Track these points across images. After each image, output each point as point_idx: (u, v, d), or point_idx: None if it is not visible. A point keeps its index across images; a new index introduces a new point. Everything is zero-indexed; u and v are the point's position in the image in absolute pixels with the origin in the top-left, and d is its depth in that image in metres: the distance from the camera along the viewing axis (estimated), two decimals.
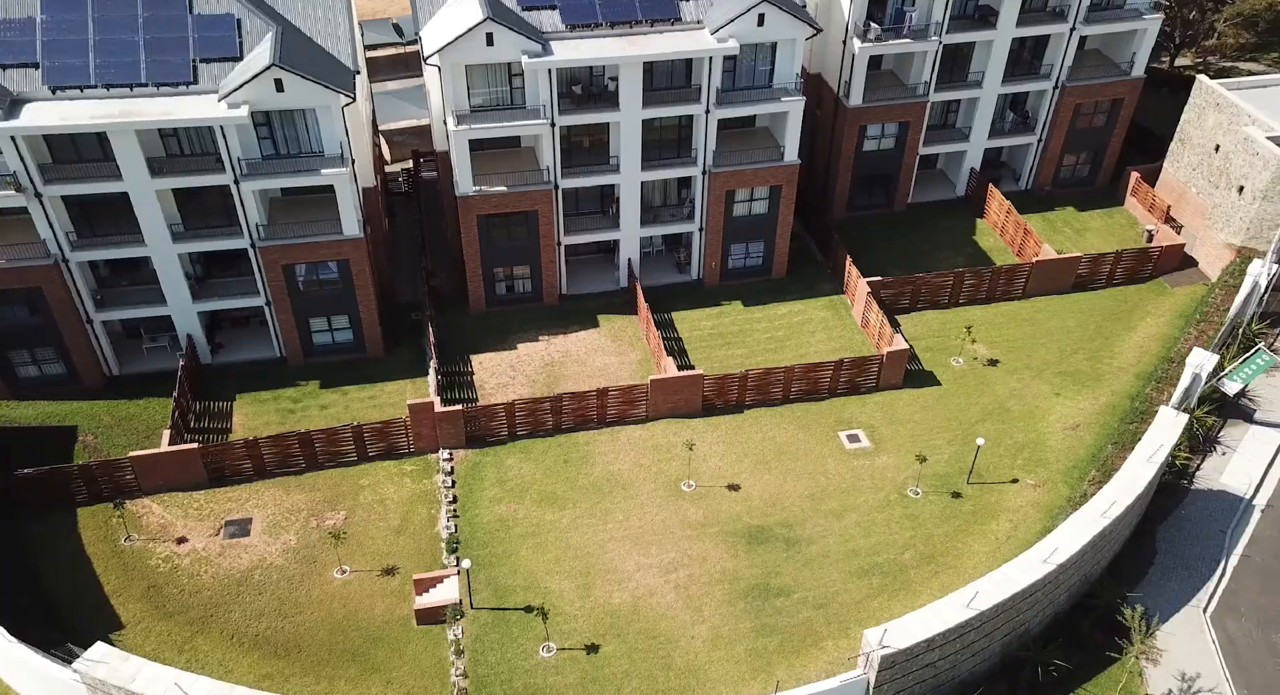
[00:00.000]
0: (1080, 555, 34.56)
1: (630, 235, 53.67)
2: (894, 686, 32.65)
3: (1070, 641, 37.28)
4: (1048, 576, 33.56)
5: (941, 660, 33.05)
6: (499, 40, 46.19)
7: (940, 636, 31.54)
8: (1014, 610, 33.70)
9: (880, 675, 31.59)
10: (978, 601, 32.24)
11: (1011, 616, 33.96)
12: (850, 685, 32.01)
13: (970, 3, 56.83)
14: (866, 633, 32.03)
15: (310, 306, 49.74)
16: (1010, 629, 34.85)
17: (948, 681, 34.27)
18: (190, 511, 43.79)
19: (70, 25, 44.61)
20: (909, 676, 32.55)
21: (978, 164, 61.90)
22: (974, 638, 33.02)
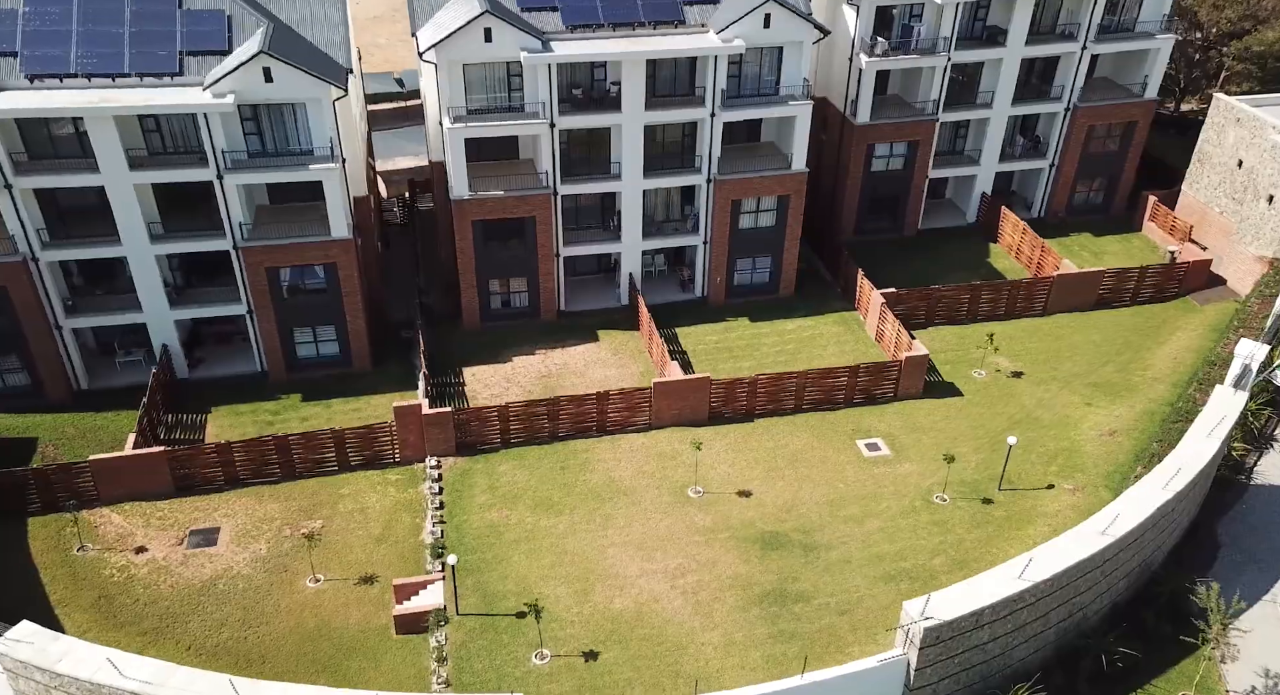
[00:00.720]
0: (1141, 532, 30.94)
1: (632, 248, 51.41)
2: (939, 672, 28.69)
3: (1134, 633, 33.24)
4: (1107, 550, 29.95)
5: (991, 641, 29.15)
6: (498, 36, 44.83)
7: (990, 610, 27.81)
8: (1070, 588, 29.97)
9: (923, 655, 27.68)
10: (1031, 572, 28.54)
11: (1068, 595, 30.20)
12: (888, 667, 28.04)
13: (978, 23, 55.91)
14: (906, 604, 28.26)
15: (295, 315, 47.08)
16: (1067, 613, 31.01)
17: (999, 670, 30.26)
18: (153, 521, 40.21)
19: (54, 17, 43.29)
20: (955, 660, 28.61)
21: (988, 189, 60.09)
22: (1027, 618, 29.21)
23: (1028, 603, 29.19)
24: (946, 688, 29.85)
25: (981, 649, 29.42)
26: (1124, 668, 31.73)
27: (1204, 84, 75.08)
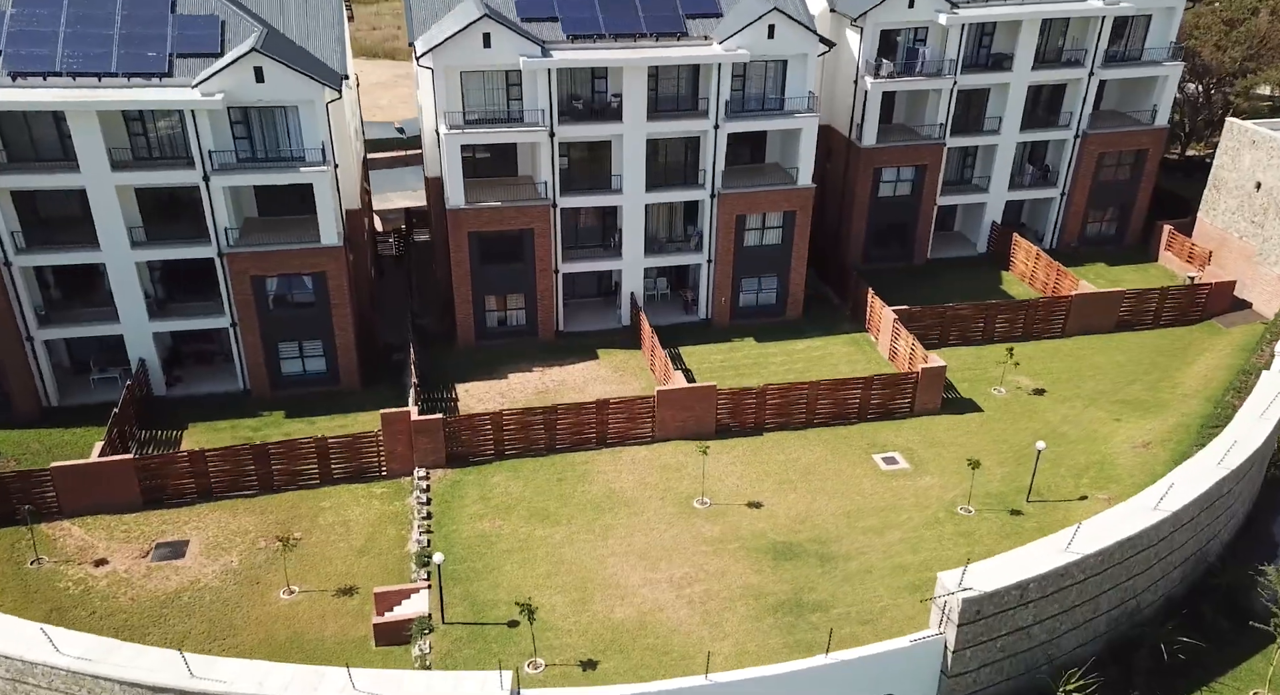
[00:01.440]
0: (1195, 511, 28.15)
1: (633, 265, 49.57)
2: (979, 657, 25.61)
3: (1192, 626, 30.05)
4: (1160, 527, 27.11)
5: (1037, 624, 26.12)
6: (497, 42, 43.86)
7: (1036, 584, 24.90)
8: (1122, 569, 27.10)
9: (962, 634, 24.66)
10: (1079, 544, 25.70)
11: (1119, 576, 27.29)
12: (923, 649, 24.96)
13: (983, 50, 55.24)
14: (941, 575, 25.36)
15: (281, 328, 44.90)
16: (1119, 599, 28.03)
17: (1045, 660, 27.08)
18: (116, 534, 37.31)
19: (42, 19, 42.30)
20: (998, 643, 25.56)
21: (998, 218, 58.61)
22: (1076, 598, 26.26)
23: (1076, 579, 26.27)
24: (988, 677, 26.70)
25: (1026, 633, 26.37)
26: (1185, 660, 28.49)
27: (1209, 131, 74.50)
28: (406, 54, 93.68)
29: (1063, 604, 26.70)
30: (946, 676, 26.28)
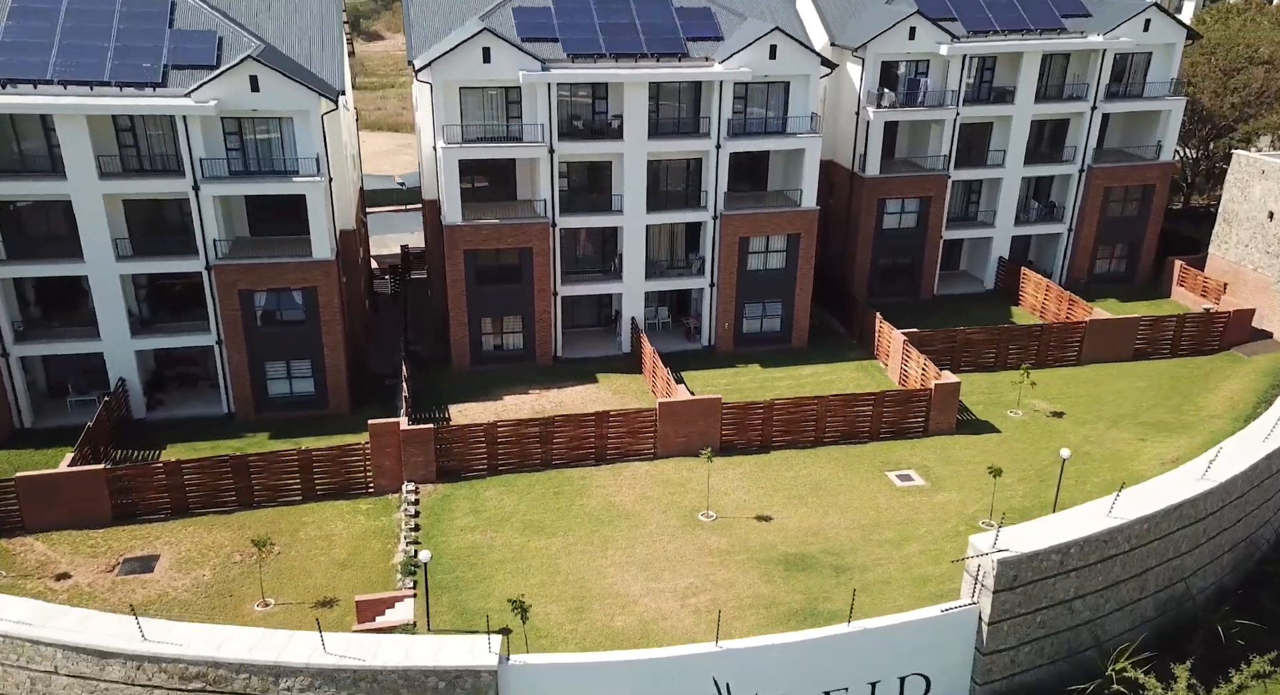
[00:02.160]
0: (1245, 488, 26.08)
1: (634, 289, 48.20)
2: (1017, 632, 23.23)
3: (1244, 613, 27.56)
4: (1207, 499, 25.02)
5: (1079, 598, 23.80)
6: (496, 56, 43.37)
7: (1077, 551, 22.79)
8: (1169, 543, 24.96)
9: (998, 603, 22.35)
10: (1121, 509, 23.57)
11: (1165, 551, 25.10)
12: (954, 620, 22.60)
13: (985, 85, 55.01)
14: (973, 538, 23.19)
15: (268, 346, 43.24)
16: (1167, 579, 25.75)
17: (1089, 643, 24.59)
18: (82, 549, 34.98)
19: (37, 31, 41.81)
20: (1037, 618, 23.21)
21: (1005, 253, 57.55)
22: (1121, 572, 24.01)
23: (1120, 548, 24.05)
24: (1027, 658, 24.24)
25: (1068, 607, 24.01)
26: (1244, 645, 25.92)
27: (1210, 184, 74.14)
28: (410, 126, 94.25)
29: (1107, 577, 24.42)
30: (981, 653, 23.89)
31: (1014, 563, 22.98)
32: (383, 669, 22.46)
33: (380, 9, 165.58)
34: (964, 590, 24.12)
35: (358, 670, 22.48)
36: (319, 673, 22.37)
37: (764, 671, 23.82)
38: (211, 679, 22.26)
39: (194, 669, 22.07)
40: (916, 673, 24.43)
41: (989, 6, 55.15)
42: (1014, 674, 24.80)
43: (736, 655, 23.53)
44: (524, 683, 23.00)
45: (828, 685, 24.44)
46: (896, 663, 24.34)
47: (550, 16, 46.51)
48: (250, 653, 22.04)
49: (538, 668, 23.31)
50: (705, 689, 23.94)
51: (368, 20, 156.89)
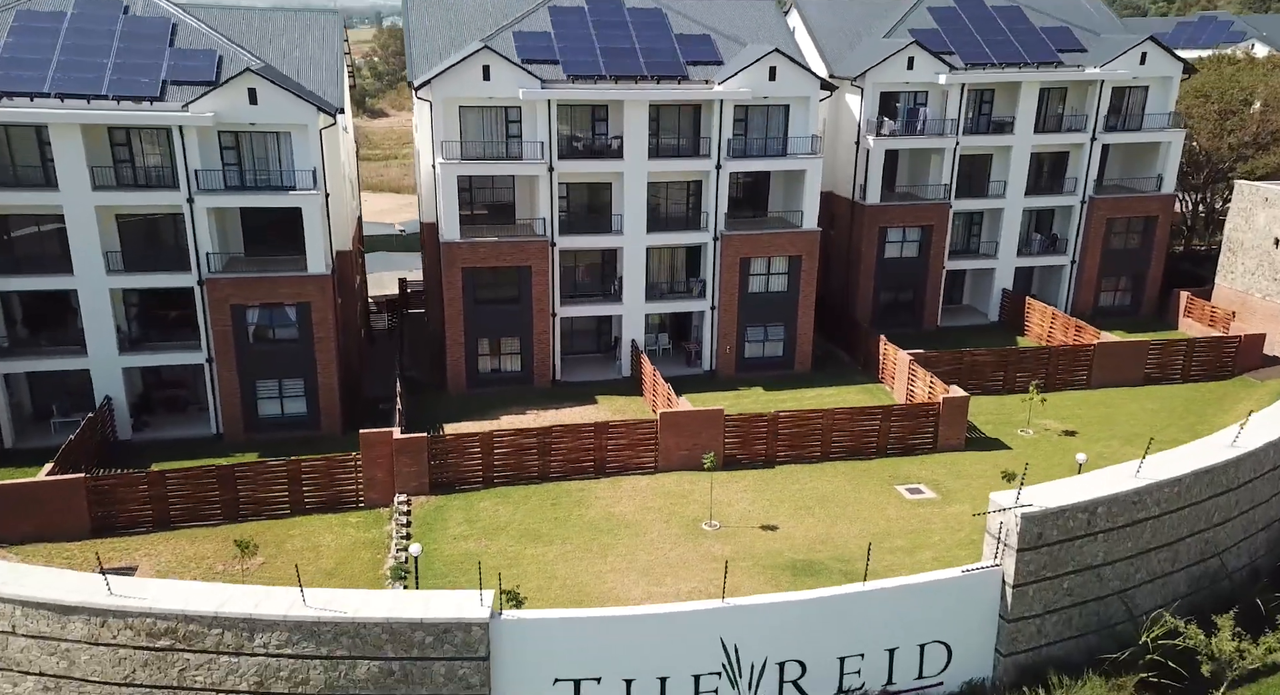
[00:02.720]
0: (1275, 458, 24.89)
1: (634, 312, 47.44)
2: (1043, 599, 21.81)
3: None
4: (1239, 467, 23.81)
5: (1108, 565, 22.41)
6: (496, 74, 43.38)
7: (1105, 511, 21.49)
8: (1200, 512, 23.63)
9: (1022, 564, 21.00)
10: (1149, 471, 22.36)
11: (1197, 521, 23.78)
12: (976, 583, 21.22)
13: (983, 118, 55.17)
14: (994, 495, 21.94)
15: (260, 364, 42.27)
16: (1199, 553, 24.35)
17: (1119, 617, 23.08)
18: (56, 560, 33.48)
19: (37, 48, 41.84)
20: (1064, 584, 21.82)
21: (1008, 284, 56.97)
22: (1151, 539, 22.67)
23: (1150, 512, 22.74)
24: (1055, 629, 22.72)
25: (1097, 574, 22.58)
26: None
27: (1210, 230, 74.06)
28: (412, 188, 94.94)
29: (1137, 543, 23.05)
30: (1005, 620, 22.40)
31: (1039, 518, 21.69)
32: (366, 621, 21.02)
33: (385, 88, 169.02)
34: (985, 552, 22.77)
35: (339, 623, 21.04)
36: (297, 626, 20.94)
37: (774, 633, 22.40)
38: (182, 635, 20.80)
39: (163, 624, 20.63)
40: (936, 640, 22.96)
41: (985, 42, 55.61)
42: (1040, 645, 23.26)
43: (744, 613, 22.13)
44: (518, 638, 21.58)
45: (842, 651, 22.94)
46: (915, 629, 22.89)
47: (550, 40, 46.70)
48: (224, 606, 20.63)
49: (533, 622, 21.89)
50: (712, 650, 22.46)
51: (373, 98, 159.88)
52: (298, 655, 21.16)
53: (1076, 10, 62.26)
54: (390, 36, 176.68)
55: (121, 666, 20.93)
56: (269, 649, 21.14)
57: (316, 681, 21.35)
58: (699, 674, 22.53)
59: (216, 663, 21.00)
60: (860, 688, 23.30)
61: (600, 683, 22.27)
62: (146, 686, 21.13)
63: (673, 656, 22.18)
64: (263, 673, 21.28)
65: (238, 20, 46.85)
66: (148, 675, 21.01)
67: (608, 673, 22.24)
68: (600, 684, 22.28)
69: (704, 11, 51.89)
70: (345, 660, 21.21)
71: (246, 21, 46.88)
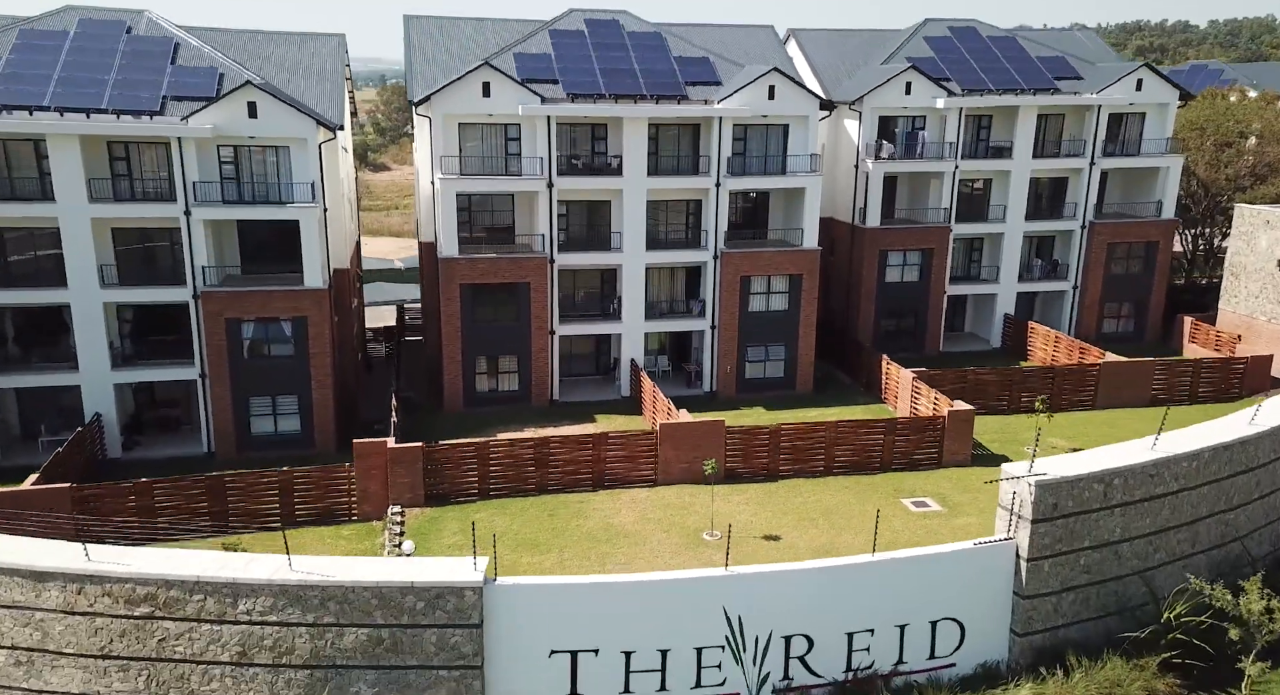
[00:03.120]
0: None
1: (633, 331, 46.97)
2: (1059, 574, 21.02)
3: None
4: (1256, 445, 23.13)
5: (1126, 542, 21.61)
6: (496, 91, 43.50)
7: (1121, 483, 20.76)
8: (1219, 492, 22.85)
9: (1036, 537, 20.25)
10: (1165, 445, 21.67)
11: (1216, 501, 23.00)
12: (988, 556, 20.41)
13: (981, 143, 55.32)
14: (1006, 466, 21.24)
15: (254, 380, 41.67)
16: (1220, 535, 23.48)
17: (1139, 600, 22.14)
18: None
19: (39, 64, 42.00)
20: (1080, 558, 20.96)
21: (1010, 310, 56.58)
22: (1169, 516, 21.94)
23: (1168, 487, 22.00)
24: (1072, 608, 21.81)
25: (1115, 551, 21.73)
26: None
27: (1209, 265, 73.96)
28: (412, 232, 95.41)
29: (1155, 520, 22.24)
30: (1020, 597, 21.50)
31: (1054, 487, 20.95)
32: (355, 585, 20.17)
33: (387, 143, 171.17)
34: (998, 526, 21.95)
35: (326, 587, 20.19)
36: (283, 591, 20.09)
37: (780, 604, 21.52)
38: (163, 601, 19.95)
39: (143, 589, 19.80)
40: (948, 617, 22.04)
41: (982, 70, 55.97)
42: (1058, 626, 22.32)
43: (748, 581, 21.29)
44: (513, 605, 20.72)
45: (851, 625, 22.02)
46: (926, 604, 22.01)
47: (550, 62, 46.92)
48: (207, 571, 19.84)
49: (529, 588, 21.03)
50: (715, 621, 21.55)
51: (375, 153, 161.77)
52: (283, 622, 20.30)
53: (1072, 42, 62.89)
54: (393, 93, 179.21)
55: (98, 637, 20.06)
56: (253, 616, 20.29)
57: (302, 651, 20.45)
58: (701, 647, 21.63)
59: (198, 631, 20.14)
60: (870, 666, 22.36)
61: (598, 655, 21.36)
62: (123, 659, 20.24)
63: (674, 627, 21.34)
64: (245, 641, 20.40)
65: (241, 41, 47.16)
66: (125, 646, 20.14)
67: (606, 644, 21.33)
68: (598, 656, 21.36)
69: (703, 37, 52.32)
70: (332, 627, 20.34)
71: (249, 43, 47.19)
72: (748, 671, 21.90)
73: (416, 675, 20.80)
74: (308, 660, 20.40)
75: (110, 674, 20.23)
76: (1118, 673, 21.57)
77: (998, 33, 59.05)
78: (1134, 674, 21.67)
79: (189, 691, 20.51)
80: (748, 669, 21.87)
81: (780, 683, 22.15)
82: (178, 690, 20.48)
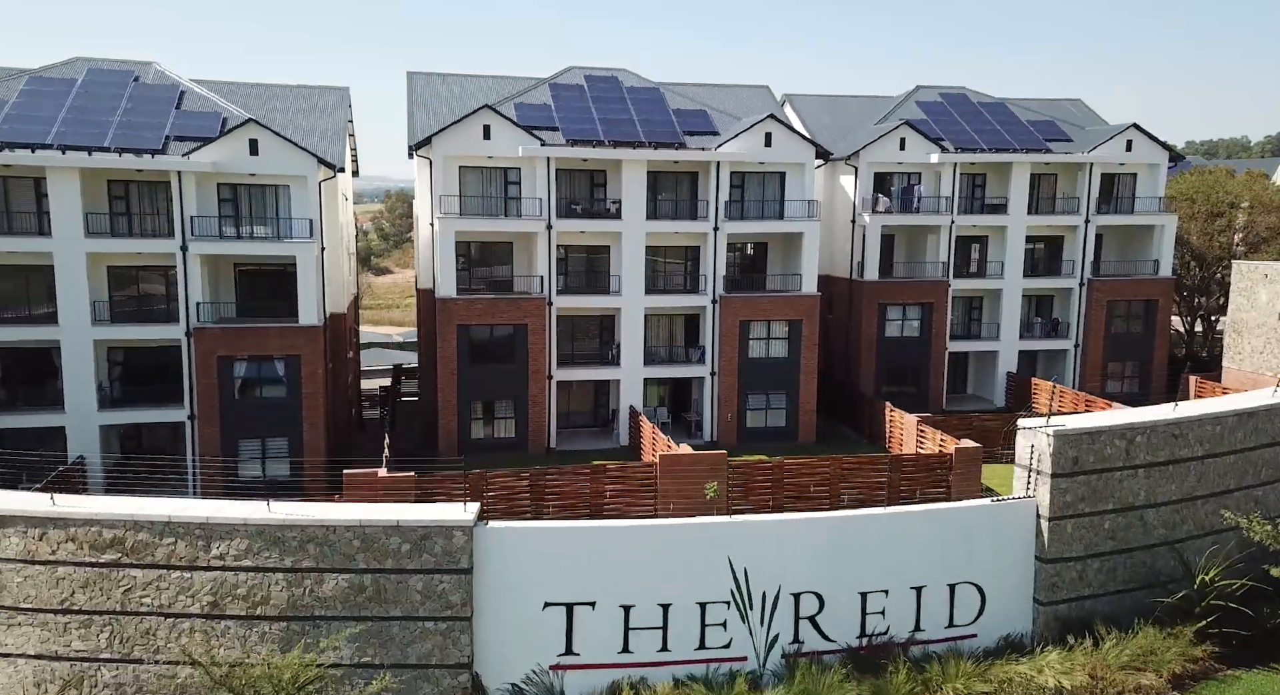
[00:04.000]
0: None
1: (632, 376, 46.28)
2: (1082, 537, 20.08)
3: None
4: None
5: (1152, 508, 20.57)
6: (496, 134, 43.88)
7: (1144, 441, 19.87)
8: (1246, 463, 22.13)
9: (1057, 493, 19.25)
10: (1184, 409, 20.86)
11: (1244, 473, 22.28)
12: (1007, 515, 19.33)
13: (977, 201, 55.79)
14: (1022, 422, 20.37)
15: (244, 421, 40.72)
16: (1249, 509, 22.34)
17: (1169, 571, 20.89)
18: None
19: (45, 106, 42.42)
20: (1104, 521, 19.83)
21: (1013, 367, 56.07)
22: (1195, 484, 20.99)
23: (1192, 451, 21.07)
24: (1097, 577, 20.54)
25: (1139, 517, 20.61)
26: None
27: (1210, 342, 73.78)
28: (413, 321, 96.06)
29: (1181, 486, 21.20)
30: (1042, 561, 20.25)
31: (1073, 439, 20.01)
32: (336, 524, 18.93)
33: (391, 248, 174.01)
34: (1017, 485, 20.91)
35: (306, 526, 18.97)
36: (260, 532, 18.86)
37: (787, 558, 20.25)
38: (130, 546, 18.66)
39: (109, 533, 18.55)
40: (967, 581, 20.73)
41: (975, 131, 56.80)
42: (1084, 596, 21.00)
43: (754, 529, 20.10)
44: (505, 551, 19.51)
45: (863, 584, 20.68)
46: (943, 565, 20.73)
47: (550, 111, 47.53)
48: (180, 511, 18.66)
49: (522, 531, 19.83)
50: (719, 573, 20.25)
51: (379, 258, 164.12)
52: (259, 567, 19.02)
53: (1061, 110, 64.09)
54: (397, 200, 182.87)
55: (59, 589, 18.76)
56: (227, 560, 19.02)
57: (278, 600, 19.10)
58: (705, 602, 20.32)
59: (167, 580, 18.84)
60: (885, 632, 20.95)
61: (595, 608, 20.00)
62: (85, 613, 18.87)
63: (676, 579, 20.10)
64: (218, 591, 19.06)
65: (246, 92, 47.79)
66: (87, 598, 18.80)
67: (604, 596, 20.01)
68: (595, 609, 20.00)
69: (701, 95, 53.16)
70: (311, 573, 19.06)
71: (255, 93, 47.85)
72: (755, 632, 20.51)
73: (400, 628, 19.42)
74: (284, 610, 19.07)
75: (70, 631, 18.85)
76: (1151, 641, 20.27)
77: (988, 99, 60.20)
78: (1168, 642, 20.37)
79: (155, 649, 19.11)
80: (755, 628, 20.48)
81: (790, 646, 20.76)
82: (143, 647, 19.07)
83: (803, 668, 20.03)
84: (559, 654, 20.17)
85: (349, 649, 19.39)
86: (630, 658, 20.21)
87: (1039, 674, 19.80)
